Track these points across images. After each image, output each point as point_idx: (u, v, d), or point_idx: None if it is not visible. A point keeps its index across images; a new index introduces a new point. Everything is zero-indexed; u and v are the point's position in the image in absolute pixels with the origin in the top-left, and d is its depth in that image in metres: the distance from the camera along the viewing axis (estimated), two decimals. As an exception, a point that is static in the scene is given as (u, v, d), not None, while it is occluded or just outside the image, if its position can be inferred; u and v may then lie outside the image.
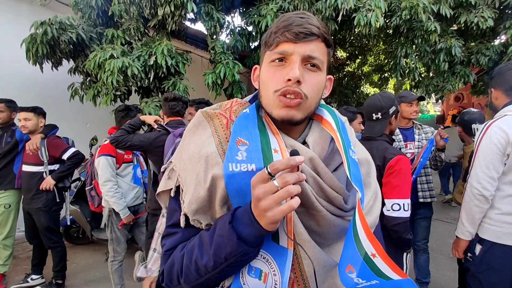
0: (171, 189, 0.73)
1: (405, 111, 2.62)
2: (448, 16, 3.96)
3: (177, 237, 0.71)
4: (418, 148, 2.65)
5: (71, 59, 3.98)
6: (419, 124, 2.76)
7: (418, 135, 2.67)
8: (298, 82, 0.64)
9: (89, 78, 3.98)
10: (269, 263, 0.61)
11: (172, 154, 2.21)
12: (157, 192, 0.77)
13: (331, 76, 0.77)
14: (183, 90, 3.62)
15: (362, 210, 0.60)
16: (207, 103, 3.17)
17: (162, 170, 0.79)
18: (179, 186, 0.71)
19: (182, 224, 0.69)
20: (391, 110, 1.85)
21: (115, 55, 3.32)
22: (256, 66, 0.77)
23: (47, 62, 3.80)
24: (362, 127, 2.51)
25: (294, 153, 0.57)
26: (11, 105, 3.12)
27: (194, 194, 0.66)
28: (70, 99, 4.07)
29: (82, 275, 3.42)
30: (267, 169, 0.54)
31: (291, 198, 0.53)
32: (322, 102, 0.78)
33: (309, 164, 0.67)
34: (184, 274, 0.66)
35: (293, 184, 0.53)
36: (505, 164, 1.58)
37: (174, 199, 0.72)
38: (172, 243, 0.71)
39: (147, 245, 2.48)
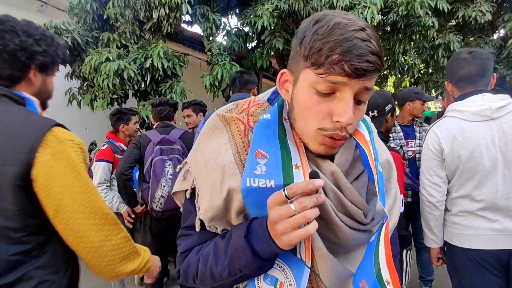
0: (187, 190, 0.71)
1: (418, 108, 2.60)
2: (446, 11, 3.93)
3: (192, 239, 0.71)
4: (419, 146, 2.62)
5: (67, 64, 3.97)
6: (419, 122, 2.74)
7: (419, 133, 2.65)
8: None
9: (86, 83, 3.98)
10: (285, 273, 0.60)
11: (151, 162, 2.23)
12: (173, 191, 0.75)
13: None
14: (180, 92, 3.60)
15: (382, 223, 0.59)
16: (201, 104, 3.18)
17: (177, 170, 0.77)
18: (194, 188, 0.69)
19: (197, 229, 0.68)
20: (387, 108, 1.83)
21: (111, 58, 3.31)
22: (284, 70, 0.66)
23: (44, 67, 3.79)
24: None
25: (313, 175, 0.53)
26: None
27: (210, 203, 0.64)
28: (68, 104, 4.07)
29: (83, 281, 3.38)
30: (284, 191, 0.51)
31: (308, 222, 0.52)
32: None
33: (330, 178, 0.63)
34: (199, 278, 0.67)
35: (312, 207, 0.51)
36: (446, 168, 1.53)
37: (190, 200, 0.71)
38: (188, 245, 0.71)
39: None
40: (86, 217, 0.89)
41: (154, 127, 2.53)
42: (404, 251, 1.82)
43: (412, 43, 4.60)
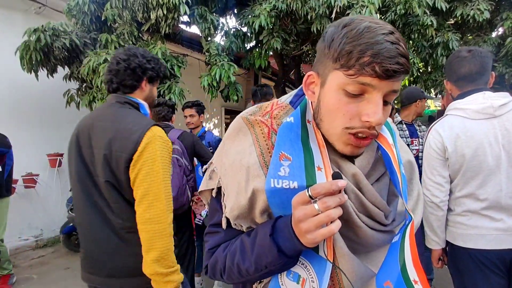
0: (213, 189, 0.75)
1: (423, 107, 2.63)
2: (444, 9, 3.92)
3: (219, 236, 0.74)
4: (422, 145, 2.63)
5: (66, 66, 3.97)
6: (419, 121, 2.75)
7: (420, 132, 2.66)
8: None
9: (84, 84, 3.97)
10: (307, 270, 0.62)
11: None
12: (199, 190, 0.80)
13: None
14: (179, 93, 3.60)
15: (404, 225, 0.60)
16: (203, 105, 3.19)
17: (203, 170, 0.81)
18: (220, 187, 0.72)
19: (224, 226, 0.71)
20: None
21: (109, 59, 3.30)
22: (311, 73, 0.67)
23: (42, 69, 3.79)
24: None
25: (336, 176, 0.54)
26: None
27: (235, 202, 0.67)
28: (66, 105, 4.06)
29: (83, 282, 3.40)
30: (308, 191, 0.54)
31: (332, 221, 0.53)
32: None
33: (352, 179, 0.65)
34: (227, 273, 0.70)
35: (335, 207, 0.53)
36: (449, 167, 1.51)
37: (216, 199, 0.74)
38: (215, 241, 0.75)
39: None
40: (159, 197, 1.16)
41: None
42: None
43: (410, 42, 4.60)
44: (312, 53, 7.72)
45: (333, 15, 3.56)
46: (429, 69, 5.36)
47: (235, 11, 4.69)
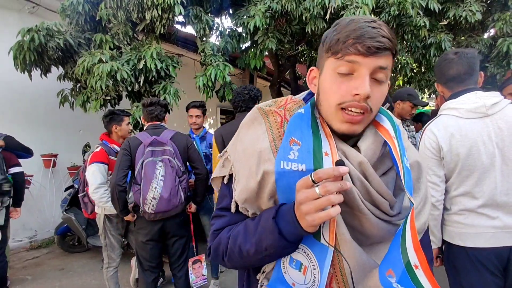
0: (224, 176, 0.79)
1: (406, 110, 2.61)
2: (437, 10, 3.97)
3: (225, 219, 0.78)
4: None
5: (60, 66, 3.95)
6: (408, 122, 2.78)
7: (409, 132, 2.69)
8: (367, 97, 0.63)
9: (79, 84, 3.95)
10: (309, 258, 0.64)
11: (142, 164, 2.23)
12: (212, 177, 0.84)
13: (388, 82, 0.74)
14: (174, 93, 3.60)
15: (404, 216, 0.61)
16: (205, 106, 3.21)
17: (218, 157, 0.84)
18: (231, 174, 0.76)
19: (233, 209, 0.75)
20: (385, 107, 1.86)
21: (103, 60, 3.30)
22: (312, 68, 0.75)
23: (36, 69, 3.77)
24: None
25: (339, 163, 0.57)
26: None
27: (245, 185, 0.70)
28: (60, 105, 4.04)
29: (79, 283, 3.40)
30: (311, 176, 0.57)
31: (333, 206, 0.56)
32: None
33: (358, 168, 0.68)
34: (228, 255, 0.73)
35: (336, 193, 0.55)
36: (444, 166, 1.53)
37: (226, 185, 0.79)
38: (220, 224, 0.78)
39: None
40: None
41: (144, 128, 2.50)
42: None
43: (404, 42, 4.64)
44: (307, 54, 7.75)
45: (327, 16, 3.59)
46: (423, 70, 5.41)
47: (230, 12, 4.70)
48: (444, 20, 4.63)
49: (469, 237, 1.48)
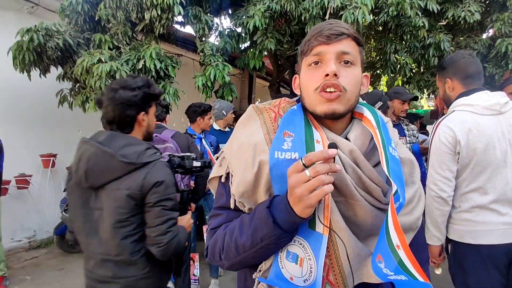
0: (221, 176, 0.80)
1: (397, 108, 2.63)
2: (436, 11, 3.98)
3: (221, 218, 0.79)
4: (409, 143, 2.66)
5: (59, 66, 3.94)
6: (407, 121, 2.79)
7: (407, 131, 2.69)
8: (335, 75, 0.69)
9: (78, 84, 3.95)
10: (305, 249, 0.65)
11: None
12: (209, 178, 0.85)
13: (367, 74, 0.81)
14: (173, 93, 3.60)
15: (400, 204, 0.63)
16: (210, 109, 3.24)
17: (214, 158, 0.87)
18: (228, 173, 0.78)
19: (232, 205, 0.75)
20: (377, 105, 1.87)
21: (103, 60, 3.30)
22: (295, 76, 0.84)
23: (35, 69, 3.77)
24: None
25: (332, 146, 0.59)
26: None
27: (242, 178, 0.72)
28: (59, 105, 4.03)
29: (78, 283, 3.39)
30: (301, 160, 0.59)
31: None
32: (364, 101, 0.83)
33: (349, 156, 0.71)
34: (225, 251, 0.73)
35: (327, 174, 0.57)
36: (458, 162, 1.54)
37: (223, 184, 0.80)
38: (217, 222, 0.79)
39: None
40: None
41: None
42: None
43: (403, 42, 4.65)
44: (306, 54, 7.76)
45: (326, 16, 3.59)
46: (422, 70, 5.42)
47: (229, 12, 4.70)
48: (443, 21, 4.64)
49: (480, 235, 1.49)
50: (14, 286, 3.37)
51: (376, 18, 4.21)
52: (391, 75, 5.09)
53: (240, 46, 4.53)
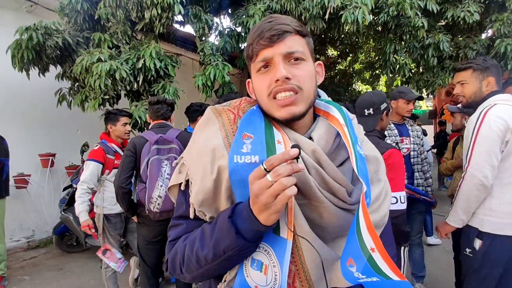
0: (181, 183, 0.75)
1: (401, 107, 2.62)
2: (435, 11, 4.00)
3: (181, 228, 0.74)
4: (413, 144, 2.66)
5: (58, 65, 3.93)
6: (411, 121, 2.78)
7: (412, 131, 2.69)
8: (287, 78, 0.66)
9: (77, 83, 3.94)
10: (270, 255, 0.62)
11: (147, 162, 2.22)
12: (168, 186, 0.80)
13: (320, 62, 0.78)
14: (173, 93, 3.59)
15: (366, 203, 0.61)
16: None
17: (173, 165, 0.83)
18: (188, 180, 0.73)
19: (192, 215, 0.71)
20: (382, 106, 1.87)
21: (102, 59, 3.29)
22: (248, 80, 0.80)
23: (34, 68, 3.75)
24: None
25: (295, 147, 0.57)
26: None
27: (200, 186, 0.68)
28: (57, 104, 4.02)
29: (77, 283, 3.38)
30: (263, 165, 0.55)
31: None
32: (329, 99, 0.80)
33: (312, 156, 0.68)
34: (186, 264, 0.69)
35: (289, 176, 0.54)
36: (503, 151, 1.59)
37: (183, 192, 0.75)
38: (177, 233, 0.74)
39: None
40: None
41: (150, 127, 2.48)
42: (402, 247, 1.84)
43: (403, 43, 4.66)
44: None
45: (326, 16, 3.60)
46: (421, 70, 5.44)
47: (229, 11, 4.70)
48: (442, 21, 4.66)
49: None
50: (13, 286, 3.35)
51: (376, 18, 4.22)
52: (390, 75, 5.10)
53: (240, 45, 4.53)
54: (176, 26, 4.67)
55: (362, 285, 0.62)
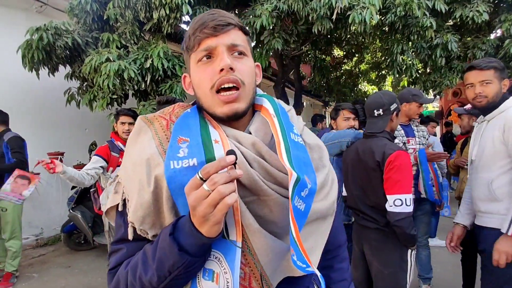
0: (118, 203, 0.69)
1: (413, 110, 2.60)
2: (444, 11, 3.97)
3: (122, 253, 0.67)
4: (419, 144, 2.65)
5: (67, 65, 3.98)
6: (417, 122, 2.77)
7: (417, 132, 2.68)
8: (231, 69, 0.64)
9: (85, 83, 3.98)
10: (220, 262, 0.59)
11: None
12: (105, 210, 0.73)
13: (258, 64, 0.78)
14: (180, 93, 3.61)
15: (312, 190, 0.62)
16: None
17: (108, 184, 0.77)
18: (125, 199, 0.67)
19: (131, 236, 0.65)
20: (392, 107, 1.85)
21: (111, 59, 3.32)
22: (184, 74, 0.77)
23: (44, 68, 3.80)
24: (351, 124, 2.52)
25: (230, 152, 0.54)
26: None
27: (138, 200, 0.62)
28: (66, 104, 4.07)
29: (85, 281, 3.42)
30: (198, 174, 0.52)
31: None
32: (264, 92, 0.79)
33: (252, 149, 0.66)
34: None
35: (229, 182, 0.51)
36: None
37: (120, 213, 0.69)
38: (117, 260, 0.67)
39: None
40: None
41: None
42: (409, 250, 1.83)
43: (410, 43, 4.63)
44: (311, 54, 7.75)
45: (334, 16, 3.59)
46: (428, 70, 5.40)
47: (236, 11, 4.72)
48: (450, 21, 4.62)
49: None
50: (22, 284, 3.40)
51: (383, 18, 4.20)
52: (397, 75, 5.07)
53: (247, 45, 4.54)
54: (184, 26, 4.70)
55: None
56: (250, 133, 0.70)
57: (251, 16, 3.97)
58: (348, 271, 0.90)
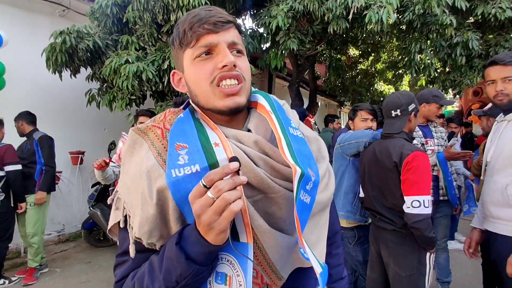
0: (120, 220, 0.68)
1: (433, 111, 2.55)
2: (464, 8, 3.86)
3: (127, 265, 0.66)
4: (438, 145, 2.60)
5: (88, 67, 4.11)
6: (435, 122, 2.72)
7: (435, 132, 2.63)
8: (234, 66, 0.64)
9: (105, 84, 4.10)
10: (233, 265, 0.59)
11: None
12: (108, 227, 0.72)
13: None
14: (197, 93, 3.67)
15: (316, 182, 0.63)
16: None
17: (109, 202, 0.73)
18: (126, 215, 0.66)
19: (132, 253, 0.64)
20: (410, 107, 1.83)
21: (130, 60, 3.41)
22: (174, 71, 0.75)
23: (66, 70, 3.94)
24: (369, 125, 2.50)
25: (233, 159, 0.53)
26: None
27: (142, 215, 0.60)
28: (87, 105, 4.20)
29: (105, 276, 3.52)
30: (202, 181, 0.51)
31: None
32: (256, 89, 0.80)
33: (255, 147, 0.66)
34: None
35: (233, 189, 0.51)
36: None
37: (124, 229, 0.67)
38: (123, 272, 0.66)
39: None
40: None
41: None
42: (428, 253, 1.80)
43: (428, 41, 4.53)
44: (326, 53, 7.70)
45: (350, 16, 3.56)
46: (447, 69, 5.27)
47: (252, 12, 4.74)
48: (471, 18, 4.50)
49: None
50: (45, 278, 3.53)
51: (400, 17, 4.13)
52: (414, 75, 4.97)
53: (262, 46, 4.56)
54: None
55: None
56: (249, 130, 0.70)
57: (266, 17, 3.99)
58: (342, 256, 0.92)
